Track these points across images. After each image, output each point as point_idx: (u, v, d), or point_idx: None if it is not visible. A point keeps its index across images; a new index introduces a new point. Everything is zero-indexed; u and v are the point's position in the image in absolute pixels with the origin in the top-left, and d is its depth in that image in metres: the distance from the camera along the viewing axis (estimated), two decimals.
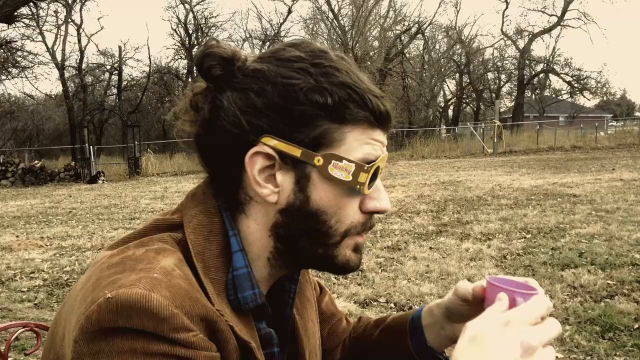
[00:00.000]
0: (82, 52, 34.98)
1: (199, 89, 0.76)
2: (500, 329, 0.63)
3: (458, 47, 40.52)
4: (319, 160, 0.70)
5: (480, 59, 41.26)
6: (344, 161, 0.70)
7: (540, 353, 0.62)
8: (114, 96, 38.87)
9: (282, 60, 0.72)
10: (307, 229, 0.73)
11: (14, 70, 28.79)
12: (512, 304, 0.69)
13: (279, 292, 0.86)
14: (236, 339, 0.69)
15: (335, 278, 5.03)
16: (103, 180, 19.35)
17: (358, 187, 0.71)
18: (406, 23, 37.16)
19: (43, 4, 23.99)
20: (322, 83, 0.70)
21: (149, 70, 37.80)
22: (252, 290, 0.72)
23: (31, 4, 20.55)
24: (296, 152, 0.70)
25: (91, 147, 21.23)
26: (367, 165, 0.71)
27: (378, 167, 0.73)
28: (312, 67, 0.70)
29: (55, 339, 0.71)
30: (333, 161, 0.70)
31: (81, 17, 34.28)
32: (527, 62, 38.98)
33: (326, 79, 0.70)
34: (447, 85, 46.11)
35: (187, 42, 37.99)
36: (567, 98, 43.57)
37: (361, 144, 0.72)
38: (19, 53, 27.91)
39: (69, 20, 31.93)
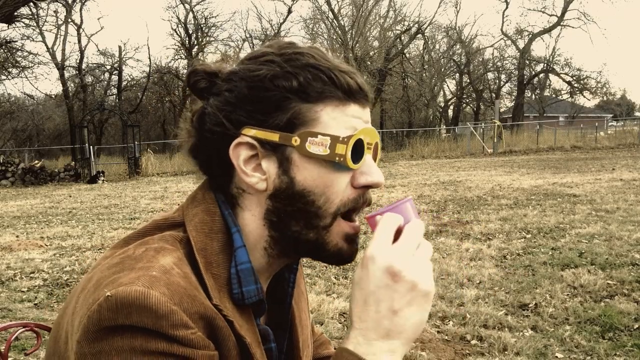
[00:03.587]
0: (82, 52, 34.98)
1: (195, 108, 0.80)
2: (367, 264, 0.68)
3: (458, 47, 40.49)
4: (296, 140, 0.72)
5: (480, 59, 41.23)
6: (319, 136, 0.72)
7: (411, 265, 0.67)
8: (114, 96, 38.83)
9: (252, 58, 0.76)
10: (296, 210, 0.74)
11: (14, 70, 28.76)
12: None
13: (280, 282, 0.87)
14: (234, 335, 0.70)
15: (334, 278, 5.03)
16: (103, 180, 19.35)
17: (338, 159, 0.72)
18: (406, 23, 37.13)
19: (43, 4, 23.98)
20: (286, 68, 0.73)
21: (149, 70, 37.79)
22: (255, 285, 0.74)
23: (31, 4, 20.54)
24: (274, 136, 0.73)
25: (91, 147, 21.24)
26: (342, 136, 0.72)
27: (360, 140, 0.74)
28: (277, 57, 0.74)
29: (58, 342, 0.72)
30: (309, 138, 0.72)
31: (81, 17, 34.25)
32: (527, 62, 38.93)
33: (290, 64, 0.73)
34: (447, 85, 46.14)
35: (187, 42, 37.95)
36: (567, 98, 43.54)
37: (336, 119, 0.73)
38: (19, 53, 27.90)
39: (69, 20, 31.89)
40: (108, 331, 0.62)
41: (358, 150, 0.74)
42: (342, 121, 0.73)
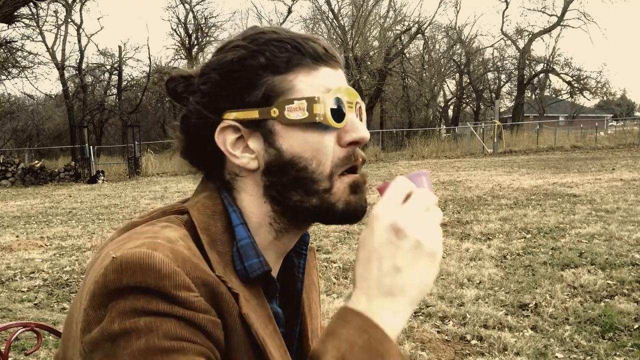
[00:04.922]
0: (82, 52, 34.95)
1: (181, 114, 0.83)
2: (372, 222, 0.68)
3: (458, 47, 40.49)
4: (274, 111, 0.74)
5: (480, 59, 41.22)
6: (295, 102, 0.74)
7: (416, 224, 0.66)
8: (114, 96, 38.83)
9: (220, 49, 0.80)
10: (292, 180, 0.75)
11: (14, 70, 28.71)
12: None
13: (289, 268, 0.88)
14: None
15: (334, 278, 5.03)
16: (103, 180, 19.36)
17: (318, 119, 0.73)
18: (406, 23, 37.08)
19: (43, 4, 23.94)
20: (251, 47, 0.76)
21: (149, 70, 37.77)
22: (257, 259, 0.74)
23: (31, 4, 20.53)
24: (254, 114, 0.75)
25: (91, 147, 21.26)
26: (317, 96, 0.74)
27: (338, 98, 0.75)
28: (241, 41, 0.77)
29: (72, 325, 0.71)
30: (287, 106, 0.74)
31: (81, 17, 34.18)
32: (527, 62, 38.93)
33: (254, 43, 0.76)
34: (447, 85, 46.10)
35: (187, 42, 37.96)
36: (567, 98, 43.55)
37: (309, 84, 0.75)
38: (19, 53, 27.83)
39: (69, 20, 31.86)
40: (112, 294, 0.63)
41: (338, 109, 0.75)
42: (315, 84, 0.75)
